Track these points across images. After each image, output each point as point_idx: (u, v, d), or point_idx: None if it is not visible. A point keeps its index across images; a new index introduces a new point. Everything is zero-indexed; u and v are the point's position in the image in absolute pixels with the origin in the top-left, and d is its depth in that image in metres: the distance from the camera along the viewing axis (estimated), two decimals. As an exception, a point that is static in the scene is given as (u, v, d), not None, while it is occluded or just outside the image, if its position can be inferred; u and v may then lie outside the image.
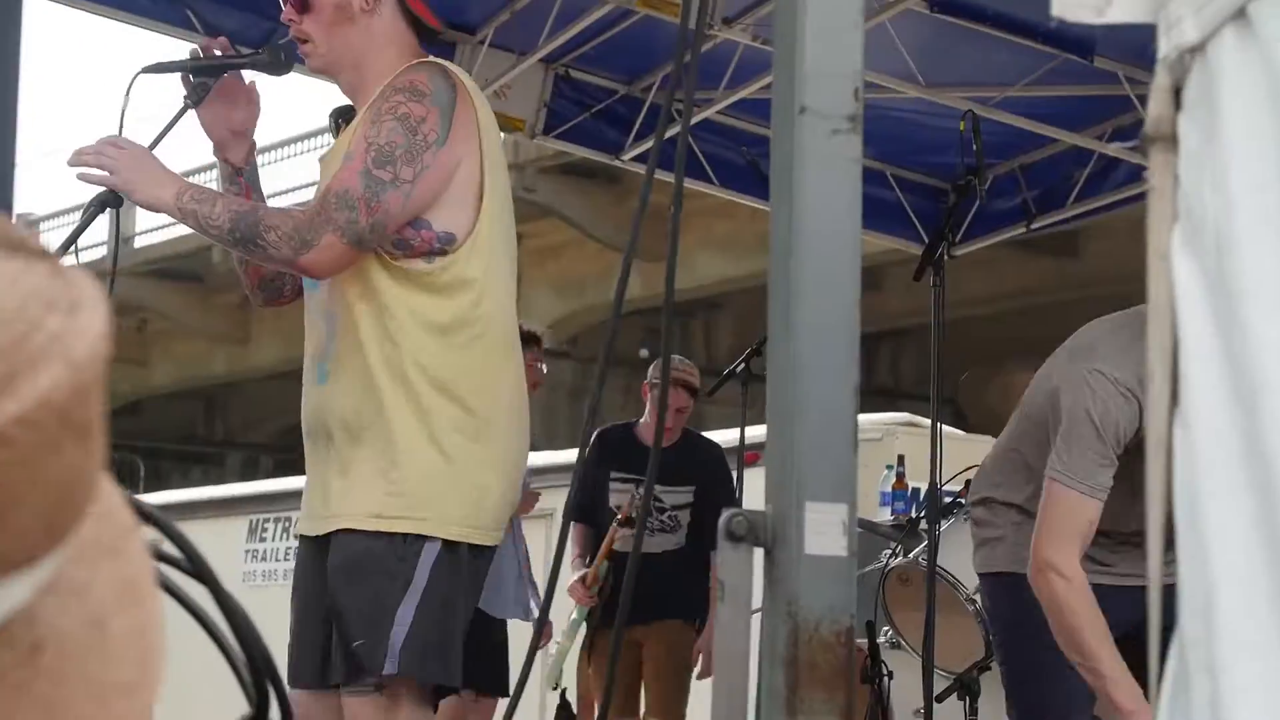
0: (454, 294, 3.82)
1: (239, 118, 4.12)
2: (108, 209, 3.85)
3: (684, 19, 2.78)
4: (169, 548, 1.63)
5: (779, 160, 2.56)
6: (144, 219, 30.90)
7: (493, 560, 3.93)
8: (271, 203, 4.31)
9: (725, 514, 2.42)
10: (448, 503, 3.78)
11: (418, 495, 3.77)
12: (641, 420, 8.39)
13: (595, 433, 8.37)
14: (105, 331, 1.00)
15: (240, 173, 4.14)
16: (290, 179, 28.01)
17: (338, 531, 3.82)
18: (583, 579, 7.99)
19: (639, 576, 3.15)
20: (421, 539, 3.76)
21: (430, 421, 3.79)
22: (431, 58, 3.98)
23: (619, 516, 8.03)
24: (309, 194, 4.16)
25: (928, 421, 6.17)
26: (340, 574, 3.80)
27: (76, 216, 3.82)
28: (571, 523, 7.97)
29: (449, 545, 3.78)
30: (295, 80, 4.48)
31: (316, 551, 3.91)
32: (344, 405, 3.87)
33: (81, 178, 3.81)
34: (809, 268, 2.57)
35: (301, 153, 28.45)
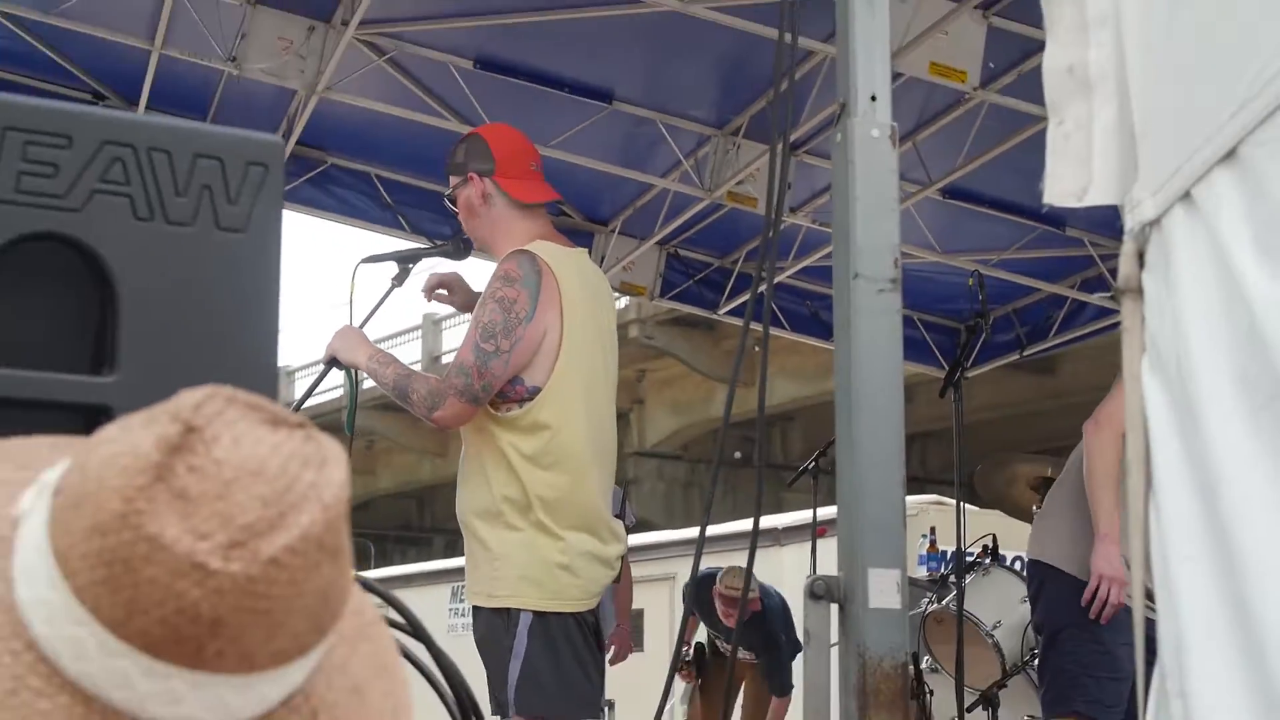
0: (534, 432, 3.78)
1: (459, 302, 4.18)
2: (333, 367, 3.92)
3: (768, 211, 2.77)
4: (394, 615, 1.62)
5: (840, 313, 2.54)
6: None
7: (593, 616, 3.86)
8: None
9: (809, 579, 2.39)
10: (535, 583, 3.74)
11: (512, 578, 3.74)
12: (716, 593, 8.12)
13: (689, 580, 8.46)
14: (346, 480, 1.01)
15: None
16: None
17: (475, 606, 3.83)
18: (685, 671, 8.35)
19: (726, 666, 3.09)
20: (518, 612, 3.73)
21: (522, 522, 3.76)
22: (529, 246, 3.86)
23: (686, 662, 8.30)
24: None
25: (951, 501, 6.10)
26: (478, 645, 3.81)
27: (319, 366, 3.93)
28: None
29: (540, 615, 3.73)
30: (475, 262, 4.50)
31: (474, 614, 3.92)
32: (464, 505, 3.87)
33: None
34: (865, 391, 2.54)
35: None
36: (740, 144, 7.52)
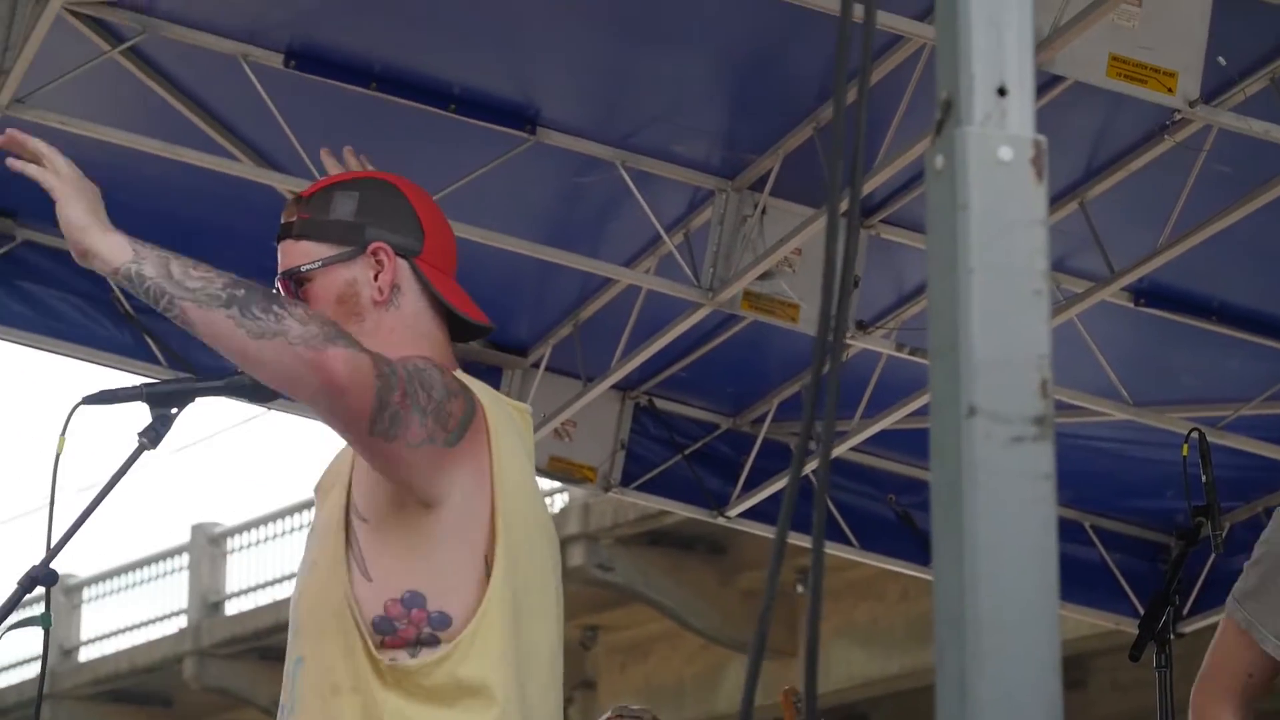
0: (453, 703, 3.71)
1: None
2: (38, 587, 3.88)
3: (821, 328, 2.73)
4: None
5: (942, 485, 2.48)
6: (90, 624, 30.74)
7: None
8: None
9: None
10: None
11: None
12: None
13: None
14: None
15: None
16: (277, 567, 27.92)
17: None
18: None
19: None
20: None
21: None
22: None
23: None
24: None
25: None
26: None
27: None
28: None
29: None
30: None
31: None
32: None
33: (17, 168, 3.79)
34: (989, 639, 2.49)
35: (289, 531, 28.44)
36: (767, 207, 7.59)
